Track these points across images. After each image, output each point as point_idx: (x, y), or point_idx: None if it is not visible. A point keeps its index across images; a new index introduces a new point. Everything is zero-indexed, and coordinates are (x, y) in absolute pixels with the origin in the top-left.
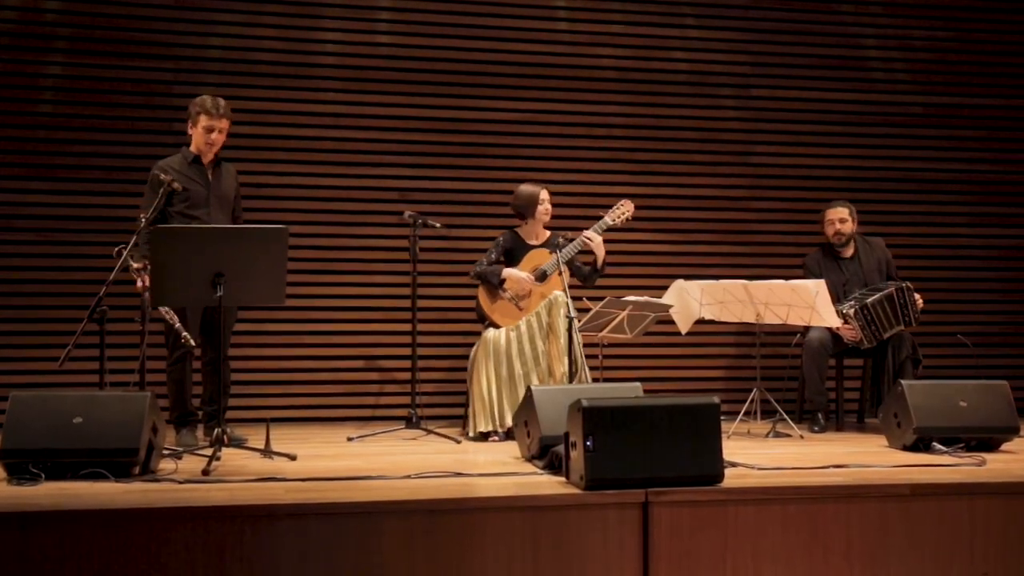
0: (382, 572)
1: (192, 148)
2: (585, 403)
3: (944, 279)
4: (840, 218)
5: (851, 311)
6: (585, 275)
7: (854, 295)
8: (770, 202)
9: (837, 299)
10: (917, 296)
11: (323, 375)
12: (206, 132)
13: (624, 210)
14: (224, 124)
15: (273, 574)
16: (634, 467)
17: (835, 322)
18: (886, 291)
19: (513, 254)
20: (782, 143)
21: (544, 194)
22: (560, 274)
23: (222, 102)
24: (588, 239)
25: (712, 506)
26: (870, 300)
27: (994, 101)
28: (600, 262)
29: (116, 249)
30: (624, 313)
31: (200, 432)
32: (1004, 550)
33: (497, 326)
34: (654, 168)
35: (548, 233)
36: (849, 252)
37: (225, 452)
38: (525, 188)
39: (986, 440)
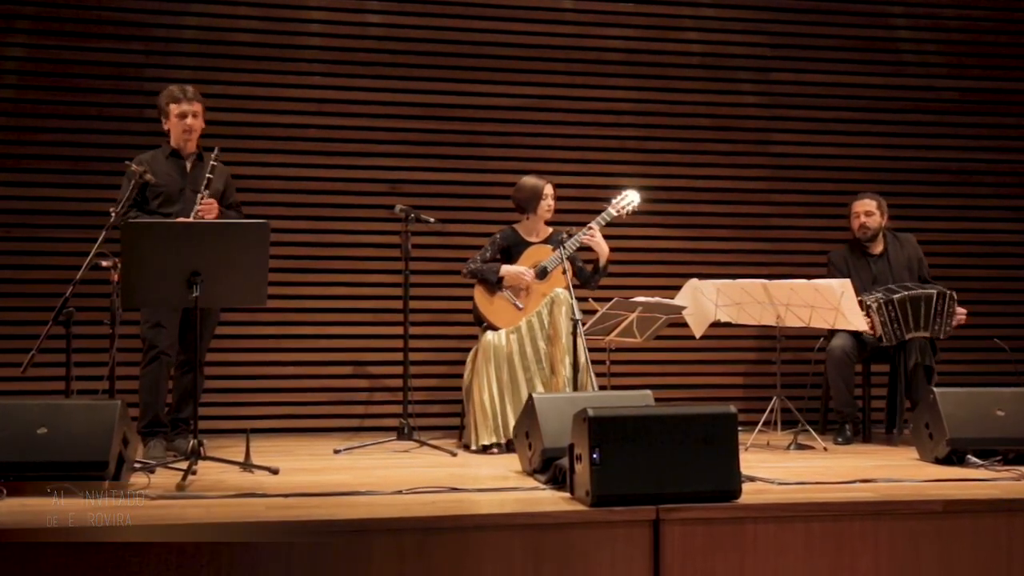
0: None
1: (171, 143)
2: (591, 412)
3: (980, 278)
4: (866, 211)
5: (874, 304)
6: (587, 276)
7: (883, 287)
8: (791, 195)
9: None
10: (961, 310)
11: (308, 382)
12: (180, 119)
13: (627, 200)
14: (197, 107)
15: None
16: (644, 482)
17: (862, 325)
18: (923, 292)
19: (511, 252)
20: (804, 131)
21: (548, 189)
22: (564, 272)
23: (189, 87)
24: (591, 234)
25: (728, 524)
26: (896, 296)
27: None
28: (603, 261)
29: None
30: (633, 315)
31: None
32: None
33: (495, 328)
34: (666, 159)
35: (550, 230)
36: (878, 248)
37: (202, 465)
38: (528, 180)
39: None
